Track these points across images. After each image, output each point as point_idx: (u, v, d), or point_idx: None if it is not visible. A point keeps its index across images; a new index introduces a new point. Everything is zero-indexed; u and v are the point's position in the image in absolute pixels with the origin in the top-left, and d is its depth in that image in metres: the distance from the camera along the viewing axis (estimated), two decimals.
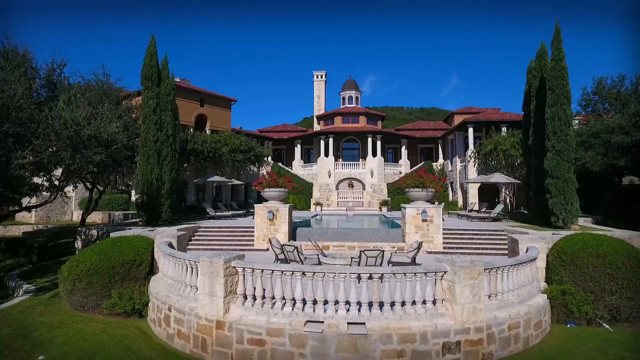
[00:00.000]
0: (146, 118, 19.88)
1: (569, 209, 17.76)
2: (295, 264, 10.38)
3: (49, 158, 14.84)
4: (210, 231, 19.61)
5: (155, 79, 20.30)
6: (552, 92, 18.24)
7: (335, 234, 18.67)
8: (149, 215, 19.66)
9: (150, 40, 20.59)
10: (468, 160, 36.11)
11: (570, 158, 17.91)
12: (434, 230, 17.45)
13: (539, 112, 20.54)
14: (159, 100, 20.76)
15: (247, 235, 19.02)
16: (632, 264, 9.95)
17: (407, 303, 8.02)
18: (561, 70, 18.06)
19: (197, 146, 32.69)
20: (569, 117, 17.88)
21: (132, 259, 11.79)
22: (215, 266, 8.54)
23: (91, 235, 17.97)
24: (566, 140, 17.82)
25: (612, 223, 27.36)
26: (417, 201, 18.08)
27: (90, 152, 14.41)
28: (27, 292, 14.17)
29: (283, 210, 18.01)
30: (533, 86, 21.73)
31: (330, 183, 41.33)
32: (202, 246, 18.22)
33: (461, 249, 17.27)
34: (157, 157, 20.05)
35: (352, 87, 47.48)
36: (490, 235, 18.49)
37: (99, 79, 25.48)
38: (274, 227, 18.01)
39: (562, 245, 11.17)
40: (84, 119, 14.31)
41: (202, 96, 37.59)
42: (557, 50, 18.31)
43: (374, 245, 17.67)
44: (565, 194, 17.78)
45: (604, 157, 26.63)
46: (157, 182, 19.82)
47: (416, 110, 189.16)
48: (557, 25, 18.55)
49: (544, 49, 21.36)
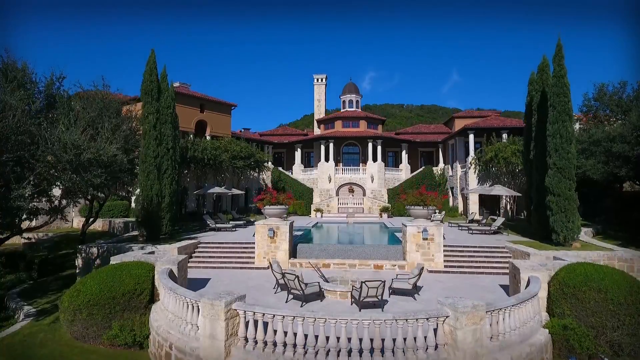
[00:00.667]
0: (146, 134, 19.80)
1: (570, 227, 17.73)
2: (296, 308, 10.34)
3: (48, 180, 14.79)
4: (210, 247, 19.58)
5: (155, 94, 20.21)
6: (554, 108, 18.16)
7: (336, 251, 18.63)
8: (150, 231, 19.62)
9: (149, 55, 20.49)
10: (469, 167, 36.04)
11: (571, 175, 17.85)
12: (434, 248, 17.42)
13: (540, 126, 20.48)
14: (159, 115, 20.69)
15: (248, 251, 18.99)
16: (634, 300, 9.91)
17: (409, 349, 8.00)
18: (563, 87, 17.98)
19: (197, 154, 32.63)
20: (570, 135, 17.80)
21: (132, 288, 11.74)
22: (216, 309, 8.51)
23: (91, 254, 17.94)
24: (567, 157, 17.75)
25: (612, 232, 27.39)
26: (418, 219, 18.05)
27: (90, 175, 14.33)
28: (28, 316, 14.16)
29: (284, 228, 17.96)
30: (534, 100, 21.64)
31: (331, 188, 41.28)
32: (202, 263, 18.22)
33: (462, 268, 17.25)
34: (157, 172, 19.99)
35: (352, 91, 47.31)
36: (491, 252, 18.46)
37: (99, 89, 25.40)
38: (274, 245, 17.98)
39: (563, 277, 11.12)
40: (83, 141, 14.22)
41: (202, 102, 37.46)
42: (559, 67, 18.21)
43: (374, 263, 17.68)
44: (567, 212, 17.74)
45: (604, 165, 26.51)
46: (157, 197, 19.77)
47: (416, 108, 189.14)
48: (559, 41, 18.44)
49: (546, 63, 21.27)
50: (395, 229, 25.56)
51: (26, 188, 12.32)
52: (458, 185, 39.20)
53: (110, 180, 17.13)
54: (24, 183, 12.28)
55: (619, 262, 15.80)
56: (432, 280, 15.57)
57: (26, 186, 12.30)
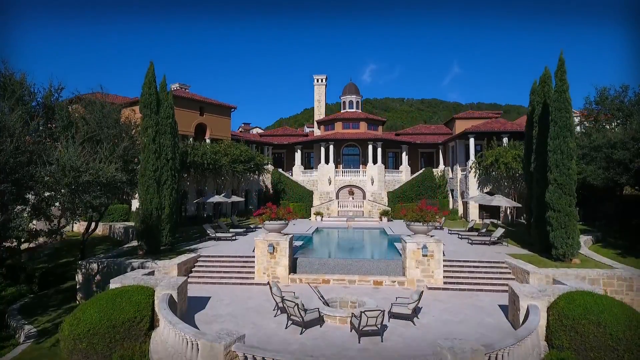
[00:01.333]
0: (145, 147, 19.72)
1: (569, 243, 17.73)
2: (296, 335, 10.36)
3: (47, 201, 14.78)
4: (210, 261, 19.61)
5: (154, 107, 20.09)
6: (555, 124, 18.06)
7: (335, 266, 18.68)
8: (150, 244, 19.64)
9: (148, 68, 20.36)
10: (469, 171, 36.00)
11: (572, 191, 17.80)
12: (434, 265, 17.43)
13: (541, 139, 20.38)
14: (158, 127, 20.58)
15: (248, 266, 19.01)
16: (633, 335, 9.91)
17: None
18: (564, 102, 17.86)
19: (197, 159, 32.58)
20: (571, 151, 17.72)
21: (132, 316, 11.77)
22: (215, 351, 8.53)
23: (91, 269, 17.96)
24: (568, 174, 17.69)
25: (612, 240, 27.40)
26: (417, 234, 18.05)
27: (89, 197, 14.32)
28: (29, 337, 14.24)
29: (283, 243, 17.96)
30: (536, 111, 21.54)
31: (331, 191, 41.27)
32: (203, 278, 18.26)
33: (461, 284, 17.27)
34: (157, 185, 19.95)
35: (352, 92, 47.10)
36: (491, 267, 18.48)
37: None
38: (274, 261, 18.00)
39: (563, 307, 11.13)
40: (82, 163, 14.18)
41: (201, 105, 37.31)
42: (561, 82, 18.07)
43: (374, 279, 17.70)
44: (567, 228, 17.72)
45: (605, 171, 26.39)
46: (156, 211, 19.76)
47: (417, 102, 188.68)
48: (561, 55, 18.29)
49: (548, 75, 21.15)
50: (395, 237, 25.57)
51: (24, 211, 12.27)
52: (458, 188, 39.18)
53: (109, 198, 17.14)
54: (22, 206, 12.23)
55: (618, 281, 15.81)
56: (431, 299, 15.59)
57: (24, 210, 12.24)
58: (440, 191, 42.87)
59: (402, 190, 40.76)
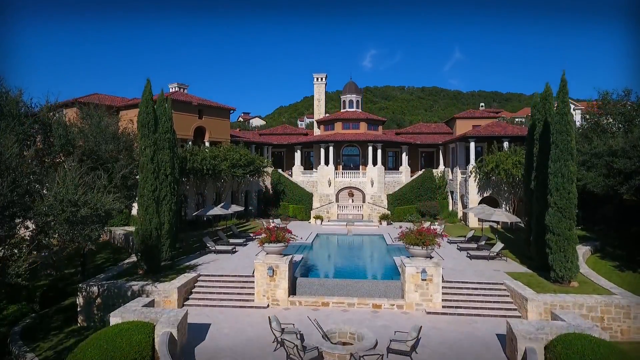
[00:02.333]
0: (143, 167, 19.61)
1: (568, 267, 17.78)
2: None
3: (46, 231, 14.74)
4: (210, 281, 19.68)
5: (152, 126, 19.92)
6: (557, 146, 17.94)
7: (335, 286, 18.80)
8: (149, 265, 19.67)
9: (145, 86, 20.09)
10: (469, 175, 35.95)
11: (572, 215, 17.77)
12: (433, 289, 17.51)
13: (541, 156, 20.28)
14: (157, 146, 20.44)
15: (248, 287, 19.08)
16: None
17: None
18: (566, 125, 17.72)
19: (197, 164, 32.49)
20: (572, 174, 17.63)
21: (133, 358, 11.85)
22: None
23: (92, 293, 18.02)
24: (568, 197, 17.63)
25: (610, 250, 27.51)
26: (416, 258, 18.10)
27: (87, 230, 14.29)
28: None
29: (283, 267, 18.02)
30: (537, 129, 21.38)
31: (330, 194, 41.27)
32: (203, 300, 18.40)
33: (460, 309, 17.39)
34: (156, 205, 19.90)
35: (352, 91, 46.74)
36: (490, 289, 18.56)
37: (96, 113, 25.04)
38: (273, 284, 18.08)
39: (560, 351, 11.21)
40: (80, 196, 14.10)
41: (200, 108, 37.04)
42: (563, 104, 17.90)
43: (373, 302, 17.80)
44: (566, 252, 17.75)
45: (605, 178, 26.29)
46: (156, 231, 19.75)
47: (417, 90, 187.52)
48: (563, 76, 18.08)
49: (549, 92, 21.01)
50: (394, 247, 25.61)
51: (23, 266, 12.25)
52: (458, 190, 39.16)
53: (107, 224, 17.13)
54: (23, 264, 12.21)
55: (615, 309, 15.87)
56: (430, 326, 15.70)
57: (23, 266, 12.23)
58: (440, 192, 42.87)
59: (401, 193, 40.74)
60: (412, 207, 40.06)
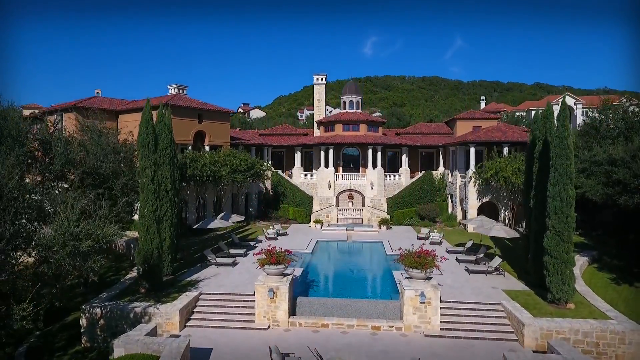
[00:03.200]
0: (144, 188, 19.70)
1: (565, 289, 18.00)
2: None
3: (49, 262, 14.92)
4: (211, 299, 19.93)
5: (152, 147, 19.94)
6: (556, 170, 18.01)
7: (334, 306, 19.04)
8: (151, 283, 19.91)
9: (145, 105, 20.07)
10: (468, 180, 36.06)
11: (570, 239, 17.94)
12: (431, 311, 17.76)
13: (540, 175, 20.39)
14: (157, 167, 20.48)
15: (249, 306, 19.27)
16: None
17: None
18: (565, 149, 17.78)
19: (197, 171, 32.54)
20: (571, 199, 17.74)
21: None
22: None
23: (95, 314, 18.28)
24: (567, 221, 17.77)
25: (608, 260, 27.72)
26: (415, 280, 18.30)
27: (90, 262, 14.44)
28: None
29: (283, 289, 18.24)
30: (537, 147, 21.39)
31: (330, 197, 41.41)
32: (204, 321, 18.69)
33: (458, 331, 17.66)
34: (157, 225, 20.03)
35: (353, 92, 46.55)
36: (487, 310, 18.80)
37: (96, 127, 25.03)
38: (274, 305, 18.32)
39: None
40: (82, 229, 14.24)
41: (200, 112, 36.96)
42: (563, 127, 17.92)
43: (372, 324, 18.07)
44: (563, 275, 17.95)
45: (605, 186, 26.36)
46: (157, 250, 19.93)
47: (418, 80, 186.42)
48: (564, 99, 18.10)
49: (550, 110, 20.99)
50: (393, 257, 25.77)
51: (27, 309, 12.44)
52: (457, 194, 39.29)
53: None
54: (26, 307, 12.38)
55: (611, 335, 16.12)
56: (429, 352, 15.98)
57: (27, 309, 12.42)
58: (440, 194, 43.01)
59: (401, 196, 40.88)
60: (411, 209, 40.24)
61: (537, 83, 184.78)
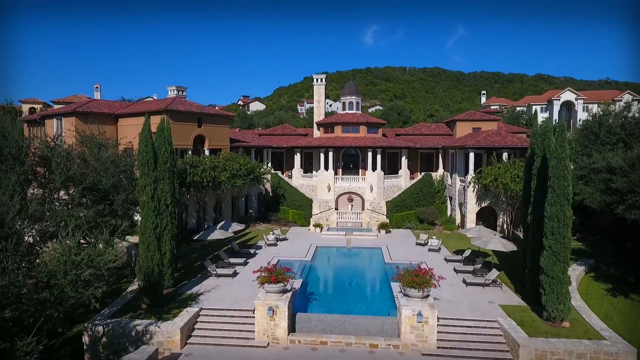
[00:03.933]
0: (144, 206, 19.83)
1: (560, 309, 18.25)
2: None
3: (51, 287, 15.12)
4: (212, 315, 20.18)
5: (151, 164, 20.02)
6: (553, 191, 18.12)
7: (333, 322, 19.28)
8: (152, 299, 20.16)
9: (144, 123, 20.07)
10: (468, 185, 36.16)
11: (566, 259, 18.13)
12: (428, 330, 18.03)
13: (539, 192, 20.52)
14: (157, 185, 20.58)
15: (249, 321, 19.51)
16: None
17: None
18: (563, 171, 17.86)
19: (197, 178, 32.66)
20: (568, 220, 17.89)
21: None
22: None
23: (97, 332, 18.56)
24: (563, 242, 17.95)
25: (605, 268, 27.98)
26: (413, 299, 18.53)
27: (92, 289, 14.65)
28: None
29: (282, 307, 18.48)
30: (535, 163, 21.43)
31: (330, 199, 41.57)
32: (205, 338, 18.95)
33: (454, 349, 17.94)
34: (157, 242, 20.22)
35: (352, 92, 46.44)
36: (484, 327, 19.08)
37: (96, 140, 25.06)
38: (274, 323, 18.59)
39: None
40: (84, 257, 14.41)
41: (199, 116, 36.90)
42: (562, 148, 17.97)
43: (370, 342, 18.34)
44: (559, 294, 18.19)
45: (603, 194, 26.49)
46: (158, 267, 20.15)
47: (419, 71, 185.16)
48: (562, 121, 18.10)
49: (549, 127, 20.97)
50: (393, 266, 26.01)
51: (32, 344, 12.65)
52: (457, 197, 39.43)
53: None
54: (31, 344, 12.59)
55: (604, 356, 16.41)
56: None
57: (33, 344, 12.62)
58: (439, 196, 43.18)
59: (401, 199, 41.05)
60: (411, 212, 40.45)
61: (539, 74, 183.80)
